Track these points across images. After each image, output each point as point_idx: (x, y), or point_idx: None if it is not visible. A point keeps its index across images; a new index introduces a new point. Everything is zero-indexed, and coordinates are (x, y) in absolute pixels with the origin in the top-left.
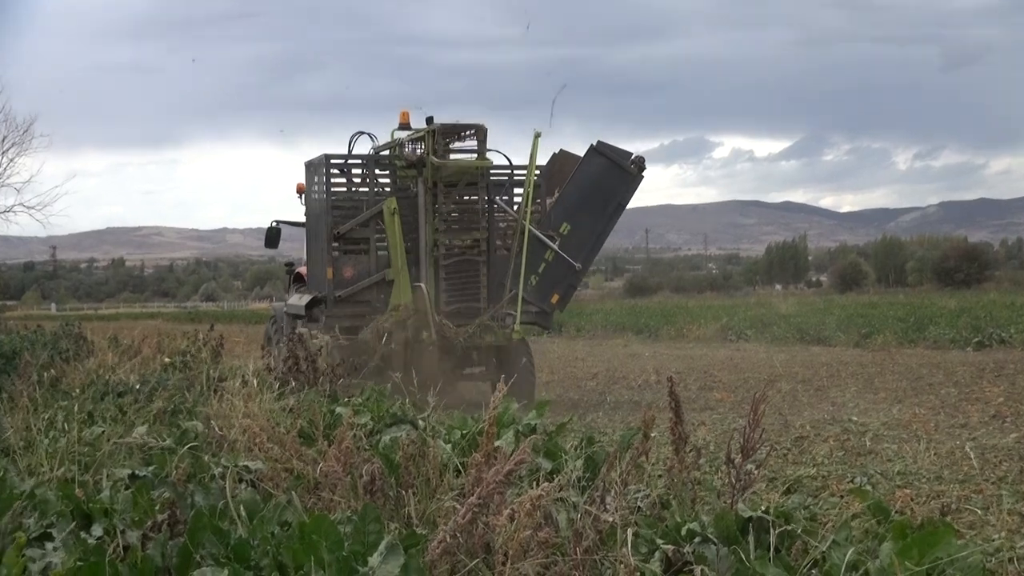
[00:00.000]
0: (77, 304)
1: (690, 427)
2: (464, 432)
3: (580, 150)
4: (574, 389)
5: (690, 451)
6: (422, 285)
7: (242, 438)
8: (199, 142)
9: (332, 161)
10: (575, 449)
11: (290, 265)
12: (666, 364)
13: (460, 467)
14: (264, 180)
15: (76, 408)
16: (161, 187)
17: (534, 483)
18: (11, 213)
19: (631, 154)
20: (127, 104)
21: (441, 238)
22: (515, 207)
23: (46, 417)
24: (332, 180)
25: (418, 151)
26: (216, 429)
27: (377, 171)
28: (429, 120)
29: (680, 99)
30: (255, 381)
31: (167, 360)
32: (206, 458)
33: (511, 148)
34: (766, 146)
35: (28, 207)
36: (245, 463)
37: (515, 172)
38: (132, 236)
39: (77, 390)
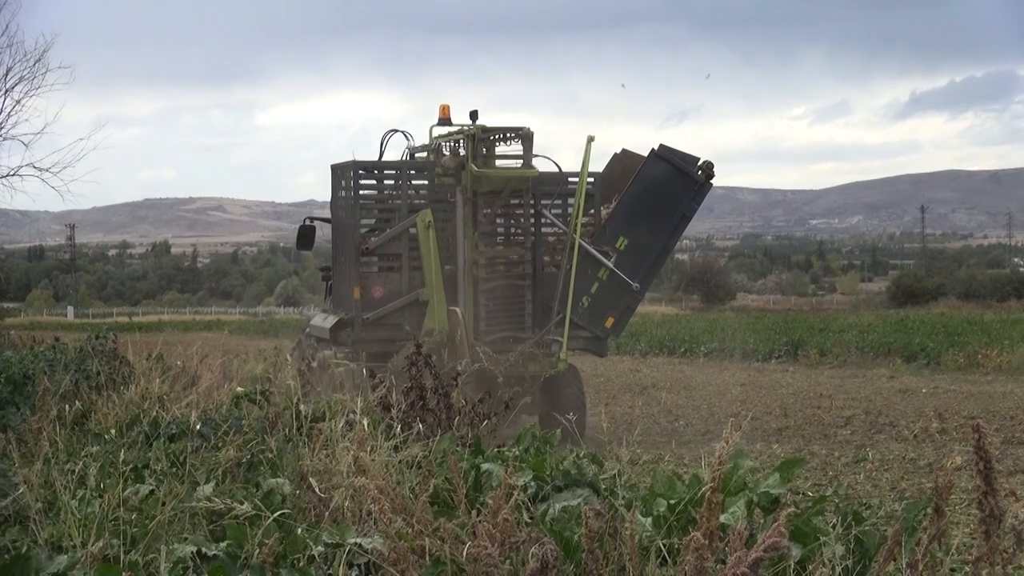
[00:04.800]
0: (103, 307)
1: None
2: (673, 501)
3: (830, 84)
4: (819, 440)
5: (1008, 535)
6: (457, 309)
7: (351, 504)
8: (282, 77)
9: (361, 170)
10: (834, 528)
11: (326, 270)
12: (953, 406)
13: (665, 551)
14: (374, 132)
15: (119, 457)
16: (227, 142)
17: None
18: (16, 177)
19: (698, 159)
20: (182, 22)
21: (481, 256)
22: (567, 219)
23: (73, 469)
24: (361, 192)
25: (457, 155)
26: (314, 490)
27: (412, 178)
28: (473, 115)
29: (980, 12)
30: (365, 422)
31: (238, 390)
32: (301, 531)
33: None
34: None
35: (40, 169)
36: (357, 540)
37: (568, 182)
38: (181, 211)
39: (112, 431)
